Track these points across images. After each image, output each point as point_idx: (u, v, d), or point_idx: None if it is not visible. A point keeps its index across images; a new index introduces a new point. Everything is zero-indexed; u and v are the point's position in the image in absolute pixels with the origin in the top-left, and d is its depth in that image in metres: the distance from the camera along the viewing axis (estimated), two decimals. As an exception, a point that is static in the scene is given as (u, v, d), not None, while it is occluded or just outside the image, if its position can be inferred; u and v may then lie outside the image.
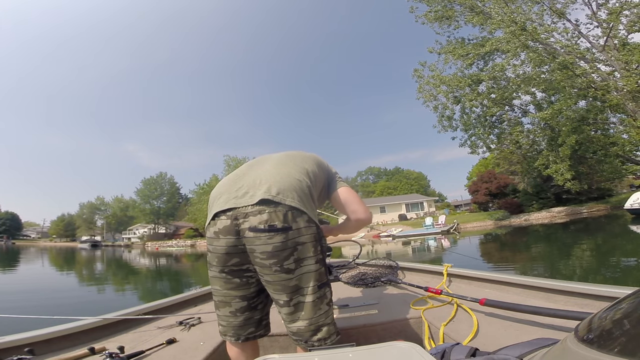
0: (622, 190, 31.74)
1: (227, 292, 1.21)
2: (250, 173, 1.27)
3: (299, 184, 1.19)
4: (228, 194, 1.18)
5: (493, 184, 34.82)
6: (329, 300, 1.20)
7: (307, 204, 1.17)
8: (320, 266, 1.16)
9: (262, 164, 1.33)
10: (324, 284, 1.18)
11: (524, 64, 17.96)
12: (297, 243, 1.11)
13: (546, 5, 17.66)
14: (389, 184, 64.53)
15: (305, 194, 1.18)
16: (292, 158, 1.37)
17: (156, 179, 64.98)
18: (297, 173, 1.25)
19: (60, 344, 1.57)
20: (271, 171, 1.24)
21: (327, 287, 1.20)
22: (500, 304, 1.48)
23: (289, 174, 1.23)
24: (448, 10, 21.03)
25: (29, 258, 28.49)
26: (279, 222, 1.08)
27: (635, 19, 15.19)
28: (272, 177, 1.20)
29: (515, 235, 18.07)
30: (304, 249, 1.12)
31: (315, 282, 1.14)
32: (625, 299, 0.56)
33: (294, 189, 1.16)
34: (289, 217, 1.10)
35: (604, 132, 19.50)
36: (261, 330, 1.28)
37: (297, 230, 1.11)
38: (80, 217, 78.19)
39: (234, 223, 1.11)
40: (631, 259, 7.60)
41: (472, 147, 22.53)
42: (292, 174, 1.23)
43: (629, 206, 16.00)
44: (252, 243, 1.09)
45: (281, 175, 1.21)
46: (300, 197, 1.15)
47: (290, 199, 1.13)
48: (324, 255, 1.22)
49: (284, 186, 1.16)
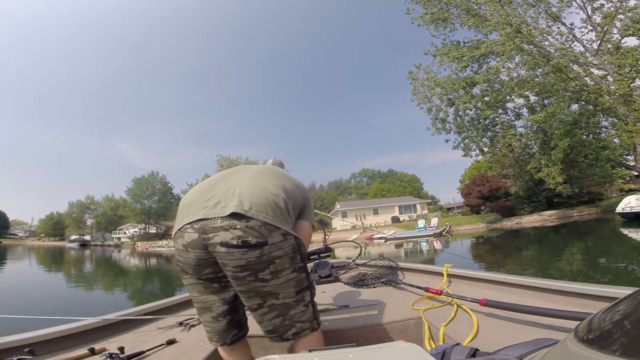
0: (612, 194, 32.15)
1: (207, 297, 1.21)
2: (224, 182, 1.24)
3: (274, 198, 1.17)
4: (199, 203, 1.16)
5: (485, 187, 35.13)
6: (308, 302, 1.22)
7: (282, 218, 1.15)
8: (298, 274, 1.18)
9: (237, 174, 1.31)
10: (303, 288, 1.20)
11: (518, 66, 18.07)
12: (273, 257, 1.10)
13: (541, 8, 17.82)
14: (383, 186, 64.79)
15: (280, 208, 1.16)
16: (271, 172, 1.36)
17: (147, 178, 64.37)
18: (273, 187, 1.22)
19: (61, 344, 1.58)
20: (246, 183, 1.22)
21: (307, 291, 1.22)
22: (500, 305, 1.48)
23: (264, 187, 1.20)
24: (444, 13, 21.17)
25: (15, 257, 27.90)
26: (252, 238, 1.07)
27: (629, 23, 15.40)
28: (247, 189, 1.17)
29: (507, 238, 18.16)
30: (281, 262, 1.12)
31: (293, 289, 1.16)
32: (625, 299, 0.56)
33: (269, 203, 1.14)
34: (263, 231, 1.08)
35: (596, 136, 19.71)
36: (244, 330, 1.31)
37: (273, 244, 1.09)
38: (69, 216, 77.12)
39: (202, 237, 1.09)
40: (623, 262, 7.59)
41: (465, 150, 22.61)
42: (267, 187, 1.21)
43: (621, 210, 16.13)
44: (224, 258, 1.08)
45: (256, 188, 1.19)
46: (274, 212, 1.13)
47: (264, 214, 1.11)
48: (305, 262, 1.23)
49: (259, 200, 1.14)
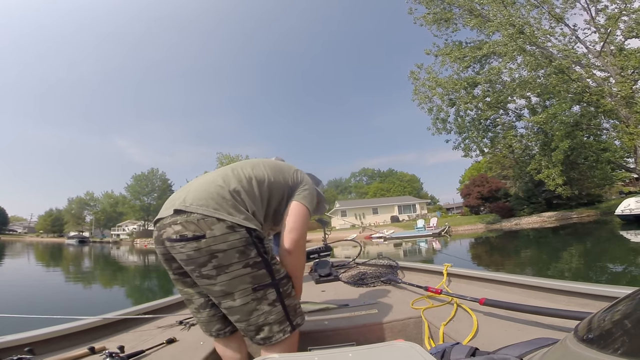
0: (612, 196, 32.18)
1: (186, 289, 1.27)
2: (190, 184, 1.30)
3: (218, 190, 1.19)
4: (166, 203, 1.24)
5: (485, 187, 35.11)
6: (273, 301, 1.17)
7: (229, 209, 1.15)
8: (252, 270, 1.14)
9: (203, 176, 1.36)
10: (264, 285, 1.16)
11: (520, 67, 18.02)
12: (215, 250, 1.10)
13: (545, 9, 17.76)
14: (382, 186, 64.75)
15: (224, 199, 1.17)
16: (237, 166, 1.36)
17: (147, 175, 64.37)
18: (222, 180, 1.24)
19: (60, 344, 1.58)
20: (200, 179, 1.29)
21: (270, 288, 1.17)
22: (500, 304, 1.47)
23: (212, 181, 1.23)
24: (447, 13, 21.10)
25: (13, 254, 27.88)
26: (189, 232, 1.09)
27: (633, 25, 15.35)
28: (196, 185, 1.24)
29: (506, 239, 18.18)
30: (225, 255, 1.10)
31: (247, 285, 1.13)
32: (625, 299, 0.56)
33: (210, 196, 1.16)
34: (202, 225, 1.10)
35: (597, 137, 19.68)
36: (230, 326, 1.29)
37: (213, 237, 1.09)
38: (68, 212, 77.10)
39: (158, 234, 1.18)
40: (622, 264, 7.59)
41: (466, 150, 22.57)
42: (215, 181, 1.23)
43: (620, 212, 16.15)
44: (172, 252, 1.14)
45: (205, 183, 1.24)
46: (218, 203, 1.15)
47: (204, 207, 1.13)
48: (265, 257, 1.17)
49: (200, 195, 1.17)
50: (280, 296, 1.19)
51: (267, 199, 1.31)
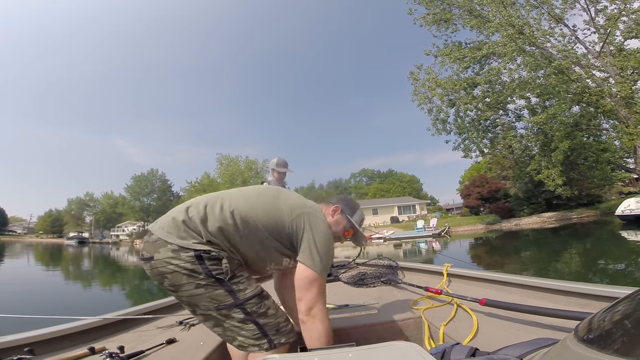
0: (612, 196, 32.16)
1: None
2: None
3: (174, 214, 1.25)
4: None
5: (485, 188, 35.10)
6: (242, 319, 1.17)
7: (180, 233, 1.17)
8: (206, 290, 1.15)
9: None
10: (226, 306, 1.16)
11: (520, 67, 18.03)
12: (163, 272, 1.16)
13: (544, 9, 17.77)
14: (382, 186, 64.72)
15: (177, 223, 1.20)
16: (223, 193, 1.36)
17: (147, 175, 64.27)
18: (187, 206, 1.28)
19: (60, 344, 1.58)
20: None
21: (235, 308, 1.17)
22: (500, 304, 1.48)
23: (182, 207, 1.28)
24: (446, 13, 21.13)
25: (12, 254, 27.85)
26: (145, 252, 1.20)
27: (632, 25, 15.36)
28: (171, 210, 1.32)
29: (506, 240, 18.16)
30: (173, 277, 1.15)
31: (208, 303, 1.16)
32: (625, 299, 0.56)
33: (167, 220, 1.23)
34: (152, 247, 1.18)
35: (596, 138, 19.69)
36: None
37: (159, 260, 1.16)
38: (68, 213, 76.95)
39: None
40: (622, 264, 7.58)
41: (466, 151, 22.58)
42: (183, 206, 1.28)
43: (620, 212, 16.10)
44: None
45: (175, 208, 1.31)
46: (170, 226, 1.19)
47: (159, 229, 1.20)
48: (218, 277, 1.16)
49: (164, 217, 1.26)
50: (250, 316, 1.17)
51: (252, 241, 1.24)
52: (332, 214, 1.45)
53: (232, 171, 43.53)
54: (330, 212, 1.46)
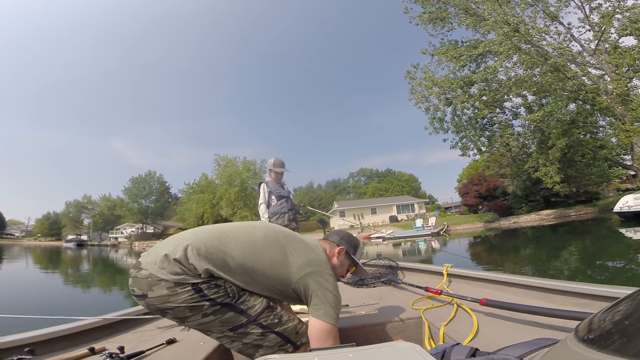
0: (609, 193, 32.26)
1: None
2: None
3: (168, 254, 1.14)
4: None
5: (483, 186, 35.17)
6: (261, 332, 1.16)
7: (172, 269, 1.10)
8: (216, 316, 1.12)
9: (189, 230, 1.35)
10: (239, 325, 1.15)
11: (516, 66, 18.09)
12: (164, 309, 1.11)
13: (539, 7, 17.83)
14: (381, 186, 64.74)
15: (169, 260, 1.12)
16: (226, 237, 1.25)
17: (145, 177, 64.08)
18: (183, 246, 1.16)
19: (60, 344, 1.59)
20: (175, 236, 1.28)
21: (250, 325, 1.15)
22: (500, 304, 1.48)
23: (176, 244, 1.18)
24: (442, 12, 21.20)
25: (11, 258, 27.72)
26: (136, 289, 1.13)
27: (627, 23, 15.42)
28: (163, 242, 1.25)
29: (504, 238, 18.14)
30: (175, 312, 1.11)
31: (222, 327, 1.14)
32: (625, 299, 0.56)
33: (159, 256, 1.14)
34: (143, 285, 1.11)
35: (593, 135, 19.75)
36: None
37: (154, 298, 1.10)
38: (66, 215, 76.61)
39: None
40: (621, 261, 7.59)
41: (463, 149, 22.67)
42: (177, 245, 1.17)
43: (618, 209, 16.07)
44: None
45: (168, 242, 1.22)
46: (163, 263, 1.12)
47: (150, 264, 1.13)
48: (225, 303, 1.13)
49: (156, 251, 1.18)
50: (268, 328, 1.17)
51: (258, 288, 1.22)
52: (337, 255, 1.45)
53: (230, 172, 43.34)
54: (335, 253, 1.46)
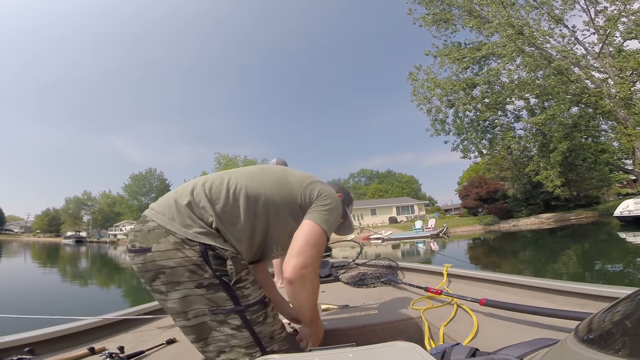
0: (609, 198, 32.26)
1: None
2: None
3: (179, 198, 1.11)
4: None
5: (483, 189, 35.20)
6: (237, 326, 1.05)
7: (184, 221, 1.05)
8: (207, 291, 1.03)
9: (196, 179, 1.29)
10: (223, 309, 1.04)
11: (519, 68, 18.09)
12: (161, 266, 1.02)
13: (544, 10, 17.83)
14: (381, 187, 64.87)
15: (180, 208, 1.08)
16: (226, 172, 1.25)
17: (145, 175, 64.34)
18: (190, 188, 1.14)
19: (60, 344, 1.58)
20: (182, 185, 1.21)
21: (233, 314, 1.05)
22: (500, 304, 1.48)
23: (183, 188, 1.16)
24: (446, 14, 21.23)
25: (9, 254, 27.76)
26: (138, 243, 1.05)
27: (632, 26, 15.42)
28: (171, 192, 1.18)
29: (504, 241, 18.16)
30: (173, 272, 1.01)
31: (202, 306, 1.03)
32: (625, 299, 0.56)
33: (169, 204, 1.10)
34: (150, 236, 1.04)
35: (595, 139, 19.76)
36: None
37: (158, 252, 1.02)
38: (65, 212, 76.84)
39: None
40: (620, 264, 7.59)
41: (464, 151, 22.66)
42: (184, 188, 1.15)
43: (619, 214, 16.08)
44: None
45: (176, 190, 1.17)
46: (172, 212, 1.07)
47: (160, 214, 1.07)
48: (223, 280, 1.05)
49: (164, 200, 1.13)
50: (248, 324, 1.07)
51: (265, 217, 1.17)
52: None
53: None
54: None
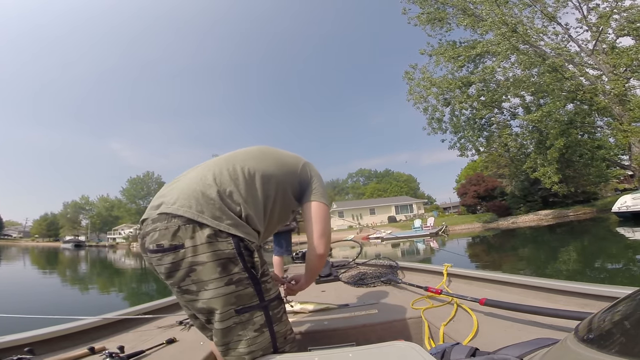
0: (607, 193, 32.32)
1: (178, 297, 1.12)
2: (179, 179, 1.15)
3: (205, 189, 1.04)
4: (152, 202, 1.09)
5: (481, 186, 35.23)
6: (260, 326, 1.01)
7: (215, 213, 1.00)
8: (237, 288, 0.98)
9: (195, 168, 1.20)
10: (250, 307, 1.01)
11: (514, 66, 18.16)
12: (193, 263, 0.96)
13: (537, 8, 17.90)
14: (379, 186, 64.86)
15: (210, 200, 1.02)
16: (226, 158, 1.21)
17: (143, 178, 64.18)
18: (212, 176, 1.08)
19: (60, 344, 1.58)
20: (190, 175, 1.13)
21: (258, 311, 1.02)
22: (500, 304, 1.48)
23: (202, 178, 1.08)
24: (440, 13, 21.28)
25: (8, 258, 27.64)
26: (166, 241, 0.97)
27: (625, 23, 15.50)
28: (185, 183, 1.08)
29: (503, 238, 18.15)
30: (204, 269, 0.96)
31: (230, 306, 0.98)
32: (625, 299, 0.56)
33: (195, 196, 1.02)
34: (181, 232, 0.96)
35: (591, 135, 19.82)
36: None
37: (193, 247, 0.96)
38: (64, 216, 76.57)
39: (142, 242, 1.05)
40: (619, 261, 7.60)
41: (462, 149, 22.71)
42: (205, 177, 1.08)
43: (617, 209, 16.10)
44: (151, 264, 1.03)
45: (193, 180, 1.08)
46: (201, 205, 1.00)
47: (187, 207, 0.99)
48: (252, 273, 1.02)
49: (187, 193, 1.03)
50: (269, 321, 1.04)
51: (274, 198, 1.18)
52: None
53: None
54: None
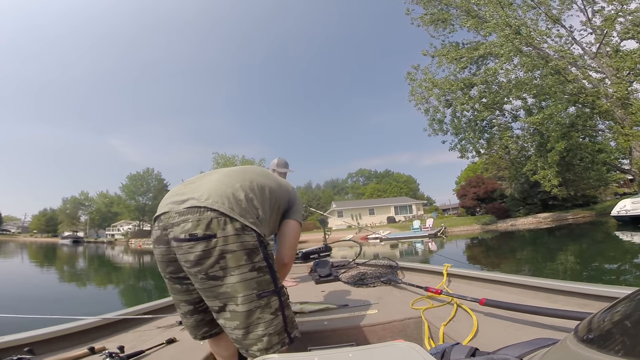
0: (607, 197, 32.37)
1: (175, 295, 1.25)
2: (197, 181, 1.28)
3: (232, 191, 1.19)
4: (169, 198, 1.20)
5: (481, 188, 35.25)
6: (275, 310, 1.14)
7: (242, 211, 1.15)
8: (258, 274, 1.12)
9: (211, 174, 1.33)
10: (268, 292, 1.13)
11: (517, 68, 18.12)
12: (224, 251, 1.07)
13: (542, 10, 17.87)
14: (379, 187, 64.86)
15: (239, 200, 1.17)
16: (243, 170, 1.37)
17: (142, 174, 64.06)
18: (238, 183, 1.24)
19: (60, 344, 1.59)
20: (214, 178, 1.26)
21: (274, 296, 1.15)
22: (500, 304, 1.48)
23: (228, 182, 1.23)
24: (444, 14, 21.25)
25: (6, 254, 27.61)
26: (200, 231, 1.07)
27: (629, 26, 15.47)
28: (212, 185, 1.21)
29: (502, 240, 18.17)
30: (233, 257, 1.08)
31: (252, 291, 1.09)
32: (625, 299, 0.56)
33: (227, 195, 1.16)
34: (214, 224, 1.08)
35: (592, 139, 19.80)
36: (217, 327, 1.26)
37: (224, 237, 1.08)
38: (63, 212, 76.58)
39: (163, 233, 1.14)
40: (617, 264, 7.62)
41: (462, 151, 22.65)
42: (231, 183, 1.23)
43: (616, 213, 16.12)
44: (177, 252, 1.11)
45: (220, 182, 1.22)
46: (232, 203, 1.14)
47: (220, 204, 1.12)
48: (270, 262, 1.17)
49: (217, 192, 1.16)
50: (282, 305, 1.17)
51: (275, 209, 1.37)
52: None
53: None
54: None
